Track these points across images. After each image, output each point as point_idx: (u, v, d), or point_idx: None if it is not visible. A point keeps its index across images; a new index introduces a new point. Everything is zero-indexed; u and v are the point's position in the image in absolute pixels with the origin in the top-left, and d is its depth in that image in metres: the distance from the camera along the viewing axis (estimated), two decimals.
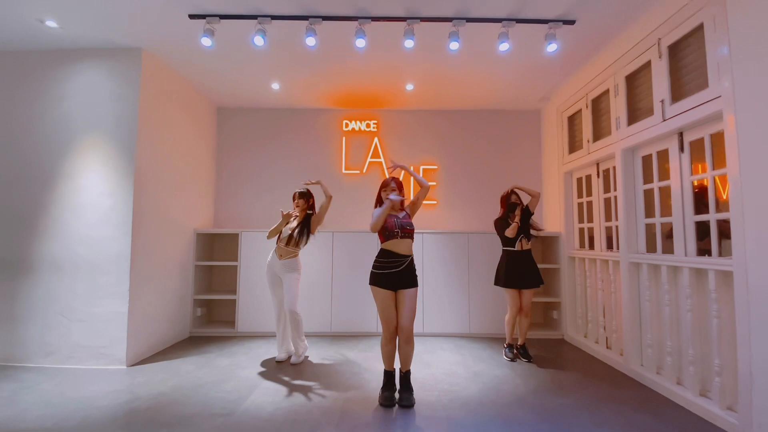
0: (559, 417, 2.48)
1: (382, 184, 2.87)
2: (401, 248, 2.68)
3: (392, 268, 2.64)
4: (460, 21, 3.02)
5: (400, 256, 2.67)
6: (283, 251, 3.43)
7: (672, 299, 2.86)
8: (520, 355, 3.61)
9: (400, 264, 2.65)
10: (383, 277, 2.65)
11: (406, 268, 2.67)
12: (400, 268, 2.65)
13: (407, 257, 2.69)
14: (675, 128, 2.75)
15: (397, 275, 2.64)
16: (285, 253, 3.43)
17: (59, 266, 3.44)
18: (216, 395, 2.77)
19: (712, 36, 2.43)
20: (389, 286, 2.64)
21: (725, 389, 2.42)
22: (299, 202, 3.52)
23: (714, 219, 2.52)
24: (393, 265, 2.65)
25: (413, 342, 2.69)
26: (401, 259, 2.66)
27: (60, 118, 3.53)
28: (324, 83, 4.33)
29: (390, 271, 2.64)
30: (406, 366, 2.72)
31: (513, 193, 3.72)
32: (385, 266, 2.66)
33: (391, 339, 2.68)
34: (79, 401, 2.67)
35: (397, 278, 2.64)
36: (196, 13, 3.03)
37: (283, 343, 3.55)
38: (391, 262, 2.65)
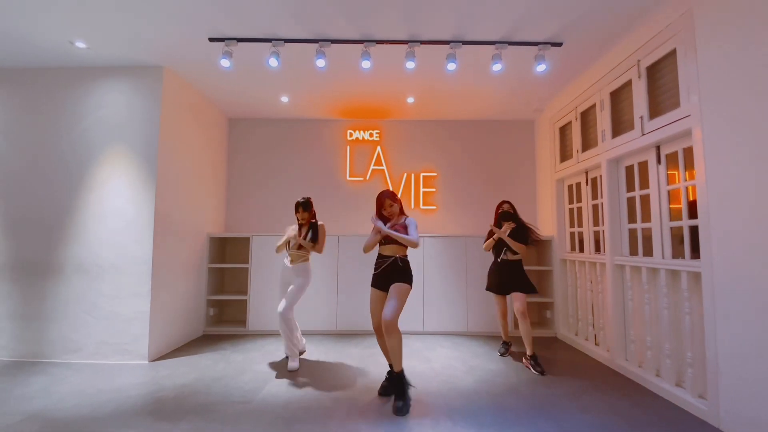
0: (548, 405, 2.74)
1: (378, 204, 2.97)
2: (386, 251, 2.94)
3: (380, 267, 2.92)
4: (457, 44, 3.31)
5: (384, 257, 2.93)
6: (294, 256, 3.59)
7: (651, 298, 3.13)
8: (531, 366, 3.44)
9: (383, 263, 2.90)
10: (376, 278, 2.93)
11: (391, 265, 2.88)
12: (383, 267, 2.90)
13: (390, 257, 2.90)
14: (653, 142, 3.02)
15: (386, 274, 2.88)
16: (296, 258, 3.59)
17: (85, 269, 3.71)
18: (235, 386, 3.03)
19: (684, 60, 2.70)
20: (381, 285, 2.90)
21: (697, 379, 2.68)
22: (304, 214, 3.55)
23: (687, 225, 2.79)
24: (380, 265, 2.92)
25: (396, 336, 2.69)
26: (384, 259, 2.91)
27: (87, 131, 3.80)
28: (330, 97, 4.61)
29: (379, 270, 2.92)
30: (396, 364, 2.74)
31: (505, 202, 3.84)
32: (376, 267, 2.95)
33: (379, 333, 2.91)
34: (110, 392, 2.93)
35: (386, 277, 2.88)
36: (216, 37, 3.31)
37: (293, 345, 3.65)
38: (379, 263, 2.94)
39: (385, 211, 2.96)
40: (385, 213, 2.96)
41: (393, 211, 2.96)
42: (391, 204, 2.95)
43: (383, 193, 2.99)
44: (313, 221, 3.63)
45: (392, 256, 2.90)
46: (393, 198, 2.97)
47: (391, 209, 2.95)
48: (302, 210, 3.56)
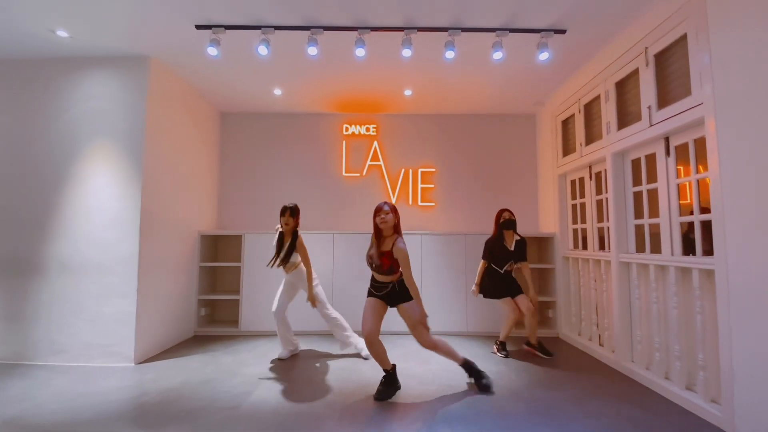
0: (551, 409, 2.60)
1: (375, 210, 2.86)
2: (380, 277, 2.89)
3: (379, 292, 2.90)
4: (456, 31, 3.15)
5: (380, 282, 2.89)
6: (286, 268, 3.58)
7: (659, 297, 2.98)
8: (538, 352, 3.72)
9: (383, 289, 2.88)
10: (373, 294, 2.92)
11: (390, 291, 2.86)
12: (383, 292, 2.88)
13: (387, 284, 2.87)
14: (661, 133, 2.87)
15: (386, 296, 2.88)
16: (289, 268, 3.58)
17: (69, 267, 3.56)
18: (222, 390, 2.88)
19: (695, 46, 2.55)
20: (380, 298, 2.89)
21: (709, 383, 2.54)
22: (289, 220, 3.44)
23: (698, 220, 2.64)
24: (377, 289, 2.91)
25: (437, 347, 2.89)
26: (383, 285, 2.88)
27: (70, 124, 3.65)
28: (325, 89, 4.46)
29: (378, 294, 2.90)
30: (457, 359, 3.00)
31: (506, 210, 3.80)
32: (372, 287, 2.95)
33: (369, 342, 2.77)
34: (91, 396, 2.79)
35: (387, 299, 2.88)
36: (203, 24, 3.16)
37: (286, 344, 3.68)
38: (375, 286, 2.92)
39: (378, 218, 2.80)
40: (377, 221, 2.81)
41: (387, 220, 2.79)
42: (387, 212, 2.79)
43: (382, 203, 2.86)
44: (297, 229, 3.53)
45: (389, 283, 2.87)
46: (392, 209, 2.83)
47: (387, 217, 2.79)
48: (288, 215, 3.45)
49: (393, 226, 2.82)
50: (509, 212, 3.78)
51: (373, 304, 2.85)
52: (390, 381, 2.84)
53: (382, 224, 2.79)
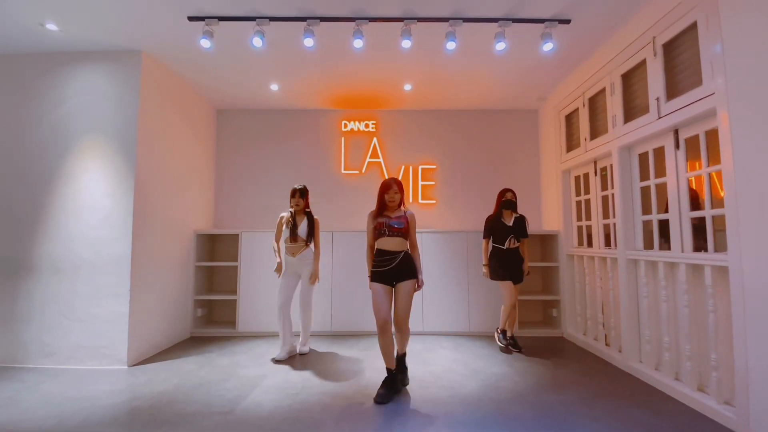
0: (557, 412, 2.50)
1: (382, 186, 2.90)
2: (390, 245, 2.81)
3: (386, 266, 2.79)
4: (457, 21, 3.05)
5: (390, 252, 2.80)
6: (293, 248, 3.57)
7: (669, 295, 2.88)
8: (511, 346, 3.78)
9: (392, 260, 2.79)
10: (382, 274, 2.80)
11: (399, 262, 2.79)
12: (392, 264, 2.78)
13: (398, 253, 2.81)
14: (670, 125, 2.77)
15: (391, 271, 2.79)
16: (296, 250, 3.57)
17: (60, 267, 3.46)
18: (217, 393, 2.78)
19: (706, 34, 2.45)
20: (387, 281, 2.79)
21: (722, 384, 2.44)
22: (300, 201, 3.58)
23: (709, 215, 2.54)
24: (386, 263, 2.79)
25: (407, 332, 2.82)
26: (392, 256, 2.79)
27: (61, 120, 3.55)
28: (323, 84, 4.35)
29: (384, 269, 2.79)
30: (402, 349, 2.89)
31: (508, 190, 3.86)
32: (379, 265, 2.82)
33: (383, 331, 2.73)
34: (81, 401, 2.69)
35: (392, 274, 2.79)
36: (195, 15, 3.06)
37: (285, 343, 3.58)
38: (383, 260, 2.80)
39: (387, 196, 2.87)
40: (387, 198, 2.87)
41: (394, 199, 2.87)
42: (396, 192, 2.87)
43: (391, 180, 2.92)
44: (308, 210, 3.66)
45: (400, 251, 2.81)
46: (399, 186, 2.90)
47: (395, 197, 2.87)
48: (298, 196, 3.59)
49: (400, 201, 2.91)
50: (512, 193, 3.86)
51: (381, 291, 2.77)
52: (391, 383, 2.75)
53: (391, 202, 2.87)
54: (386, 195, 2.86)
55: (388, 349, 2.75)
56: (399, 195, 2.88)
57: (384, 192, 2.88)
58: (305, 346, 3.76)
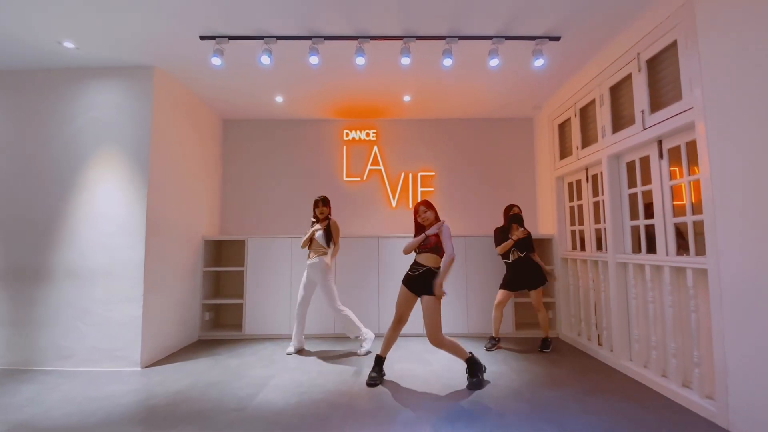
0: (551, 407, 2.66)
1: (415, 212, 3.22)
2: (421, 259, 3.13)
3: (412, 272, 3.15)
4: (453, 39, 3.24)
5: (419, 265, 3.13)
6: (311, 253, 3.89)
7: (656, 296, 3.05)
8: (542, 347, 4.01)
9: (417, 270, 3.12)
10: (410, 279, 3.14)
11: (422, 275, 3.08)
12: (416, 273, 3.12)
13: (423, 266, 3.10)
14: (654, 136, 2.95)
15: (415, 279, 3.11)
16: (315, 253, 3.87)
17: (76, 273, 3.62)
18: (229, 392, 2.94)
19: (685, 52, 2.64)
20: (412, 287, 3.12)
21: (704, 379, 2.60)
22: (323, 209, 3.91)
23: (691, 221, 2.71)
24: (412, 270, 3.15)
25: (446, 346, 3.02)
26: (419, 268, 3.12)
27: (77, 133, 3.73)
28: (326, 96, 4.54)
29: (411, 273, 3.14)
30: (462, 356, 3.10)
31: (515, 205, 4.16)
32: (410, 269, 3.18)
33: (395, 325, 3.14)
34: (101, 400, 2.84)
35: (416, 283, 3.10)
36: (207, 35, 3.24)
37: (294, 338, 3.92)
38: (412, 268, 3.16)
39: (419, 217, 3.16)
40: (419, 220, 3.17)
41: (427, 217, 3.14)
42: (425, 210, 3.15)
43: (418, 203, 3.22)
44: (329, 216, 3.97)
45: (426, 266, 3.09)
46: (427, 205, 3.18)
47: (425, 215, 3.14)
48: (321, 205, 3.93)
49: (434, 217, 3.16)
50: (518, 208, 4.19)
51: (405, 293, 3.14)
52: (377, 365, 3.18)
53: (425, 222, 3.14)
54: (418, 218, 3.18)
55: (390, 342, 3.18)
56: (430, 212, 3.14)
57: (416, 216, 3.20)
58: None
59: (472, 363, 3.07)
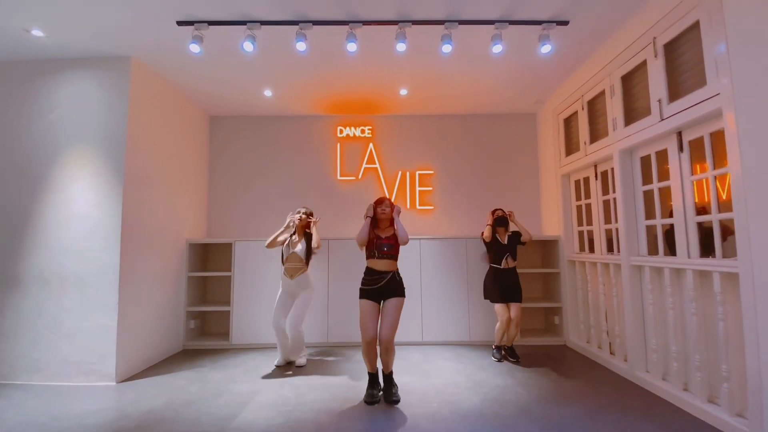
0: (564, 427, 2.39)
1: (378, 201, 3.01)
2: (380, 266, 2.87)
3: (374, 285, 2.85)
4: (452, 23, 2.98)
5: (378, 272, 2.87)
6: (292, 271, 3.53)
7: (676, 302, 2.78)
8: (508, 356, 3.75)
9: (380, 280, 2.85)
10: (367, 292, 2.87)
11: (387, 283, 2.86)
12: (380, 284, 2.85)
13: (387, 273, 2.87)
14: (673, 127, 2.69)
15: (379, 290, 2.85)
16: (294, 272, 3.53)
17: (46, 279, 3.35)
18: (207, 411, 2.66)
19: (709, 33, 2.38)
20: (373, 298, 2.86)
21: (734, 395, 2.34)
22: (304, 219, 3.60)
23: (716, 219, 2.45)
24: (373, 282, 2.86)
25: (393, 350, 2.83)
26: (380, 276, 2.86)
27: (47, 129, 3.46)
28: (317, 89, 4.28)
29: (371, 287, 2.86)
30: (388, 369, 2.88)
31: (499, 209, 3.89)
32: (367, 283, 2.89)
33: (368, 347, 2.79)
34: (66, 420, 2.57)
35: (379, 293, 2.86)
36: (184, 20, 2.98)
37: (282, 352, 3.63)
38: (371, 279, 2.87)
39: (379, 208, 2.97)
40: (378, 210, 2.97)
41: (387, 213, 2.97)
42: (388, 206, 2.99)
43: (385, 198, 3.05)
44: (308, 231, 3.64)
45: (389, 272, 2.88)
46: (392, 207, 3.01)
47: (387, 210, 2.97)
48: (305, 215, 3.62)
49: (390, 219, 2.98)
50: (501, 210, 3.88)
51: (369, 309, 2.83)
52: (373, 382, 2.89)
53: (382, 215, 2.95)
54: (378, 208, 2.97)
55: (370, 357, 2.83)
56: (389, 211, 2.97)
57: (377, 205, 2.99)
58: (302, 358, 3.68)
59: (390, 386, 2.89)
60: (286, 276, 3.55)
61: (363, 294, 2.88)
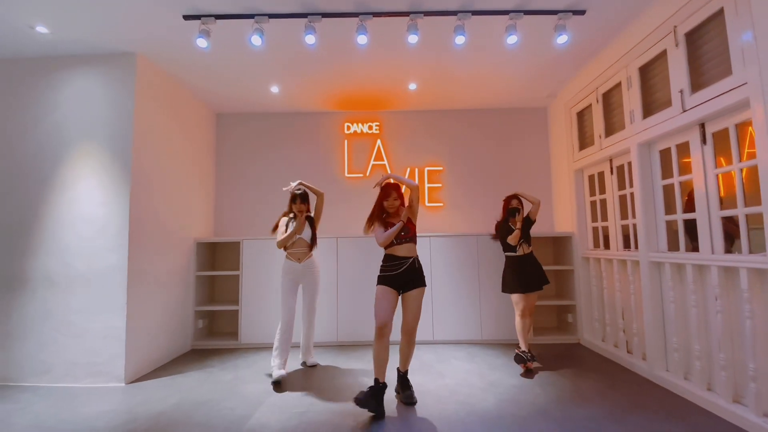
0: (584, 429, 2.32)
1: (382, 193, 2.88)
2: (401, 252, 2.77)
3: (394, 270, 2.74)
4: (466, 14, 2.90)
5: (399, 258, 2.76)
6: (300, 254, 3.40)
7: (699, 300, 2.70)
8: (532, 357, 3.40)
9: (401, 266, 2.74)
10: (387, 279, 2.75)
11: (408, 269, 2.75)
12: (401, 269, 2.74)
13: (408, 259, 2.77)
14: (696, 119, 2.60)
15: (400, 276, 2.73)
16: (303, 256, 3.41)
17: (54, 280, 3.31)
18: (218, 413, 2.61)
19: (734, 21, 2.29)
20: (392, 285, 2.74)
21: (762, 395, 2.26)
22: (301, 206, 3.38)
23: (743, 214, 2.37)
24: (394, 268, 2.74)
25: (414, 343, 2.79)
26: (402, 261, 2.75)
27: (53, 127, 3.41)
28: (324, 84, 4.20)
29: (392, 273, 2.74)
30: (405, 366, 2.82)
31: (514, 197, 3.59)
32: (387, 269, 2.77)
33: (381, 334, 2.62)
34: (74, 423, 2.53)
35: (401, 280, 2.74)
36: (191, 14, 2.92)
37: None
38: (392, 266, 2.75)
39: (386, 202, 2.84)
40: (386, 204, 2.85)
41: (394, 205, 2.85)
42: (396, 198, 2.84)
43: (391, 185, 2.89)
44: (309, 214, 3.50)
45: (409, 257, 2.77)
46: (398, 192, 2.87)
47: (395, 203, 2.85)
48: (300, 201, 3.39)
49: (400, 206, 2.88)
50: (518, 200, 3.56)
51: (386, 293, 2.71)
52: (376, 394, 2.54)
53: (391, 208, 2.84)
54: (385, 202, 2.85)
55: (381, 356, 2.62)
56: (398, 201, 2.85)
57: (383, 199, 2.86)
58: (313, 358, 3.63)
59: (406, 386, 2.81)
60: (292, 260, 3.37)
61: (381, 281, 2.76)
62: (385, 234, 2.75)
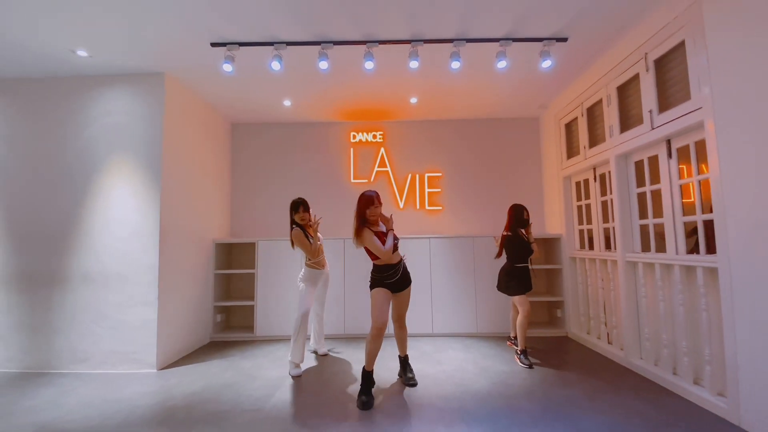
0: (563, 406, 2.69)
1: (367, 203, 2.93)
2: (395, 259, 3.02)
3: (392, 278, 3.00)
4: (461, 42, 3.27)
5: (395, 266, 3.01)
6: (323, 262, 3.74)
7: (666, 295, 3.07)
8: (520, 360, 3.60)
9: (397, 272, 3.02)
10: (386, 285, 3.00)
11: (402, 273, 3.06)
12: (397, 276, 3.01)
13: (399, 264, 3.05)
14: (663, 136, 2.97)
15: (397, 281, 3.02)
16: (323, 261, 3.74)
17: (91, 278, 3.69)
18: (245, 393, 2.99)
19: (693, 52, 2.66)
20: (391, 289, 3.02)
21: (715, 377, 2.62)
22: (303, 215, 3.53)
23: (700, 220, 2.73)
24: (392, 276, 3.00)
25: (406, 328, 3.25)
26: (397, 268, 3.02)
27: (90, 140, 3.79)
28: (333, 99, 4.58)
29: (390, 281, 3.00)
30: (404, 350, 3.25)
31: (524, 208, 3.73)
32: (387, 278, 2.99)
33: (379, 334, 2.87)
34: (118, 402, 2.90)
35: (398, 284, 3.04)
36: (218, 41, 3.29)
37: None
38: (389, 274, 2.99)
39: (369, 210, 2.94)
40: (368, 213, 2.94)
41: (377, 213, 2.99)
42: (377, 206, 2.97)
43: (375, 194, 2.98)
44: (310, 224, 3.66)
45: (399, 262, 3.05)
46: (379, 200, 3.02)
47: (377, 210, 2.98)
48: (302, 210, 3.52)
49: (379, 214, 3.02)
50: (527, 212, 3.73)
51: (385, 296, 2.96)
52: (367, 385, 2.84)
53: (373, 216, 2.96)
54: (368, 210, 2.92)
55: (376, 350, 2.89)
56: (379, 209, 2.98)
57: (366, 207, 2.91)
58: (324, 348, 4.02)
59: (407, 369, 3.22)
60: (317, 268, 3.59)
61: (377, 285, 2.96)
62: (387, 246, 2.87)
